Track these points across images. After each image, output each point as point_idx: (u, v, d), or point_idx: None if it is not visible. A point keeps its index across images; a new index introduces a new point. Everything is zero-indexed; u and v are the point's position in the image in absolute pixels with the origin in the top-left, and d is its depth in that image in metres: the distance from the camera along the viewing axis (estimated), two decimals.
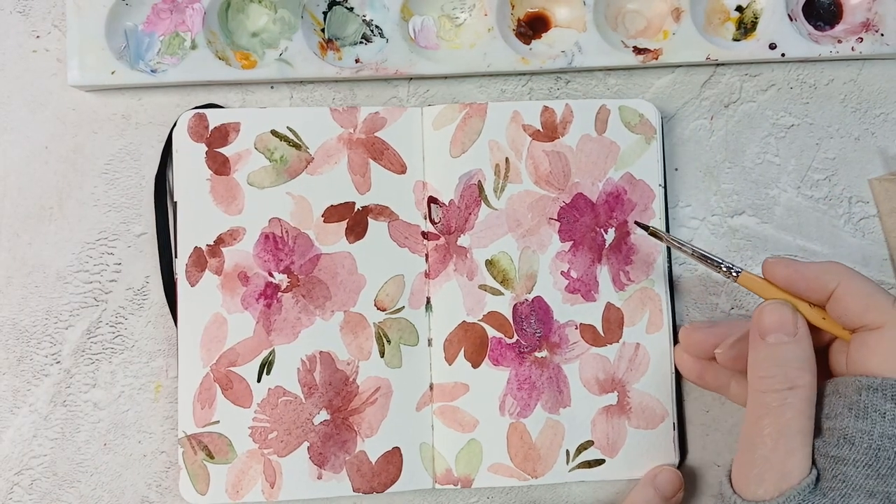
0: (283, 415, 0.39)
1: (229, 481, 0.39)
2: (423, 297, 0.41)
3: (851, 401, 0.29)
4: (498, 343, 0.40)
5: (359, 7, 0.43)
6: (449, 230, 0.41)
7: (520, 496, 0.41)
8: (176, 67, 0.41)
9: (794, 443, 0.30)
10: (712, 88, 0.43)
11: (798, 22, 0.43)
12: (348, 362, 0.40)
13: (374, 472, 0.39)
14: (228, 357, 0.40)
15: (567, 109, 0.42)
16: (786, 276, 0.33)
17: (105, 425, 0.41)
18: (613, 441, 0.40)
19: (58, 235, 0.42)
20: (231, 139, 0.41)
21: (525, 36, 0.43)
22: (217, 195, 0.40)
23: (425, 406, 0.40)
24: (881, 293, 0.31)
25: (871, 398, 0.28)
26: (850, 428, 0.29)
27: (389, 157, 0.41)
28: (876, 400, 0.28)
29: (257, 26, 0.43)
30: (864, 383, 0.29)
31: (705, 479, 0.42)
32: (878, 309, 0.30)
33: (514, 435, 0.40)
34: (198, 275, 0.40)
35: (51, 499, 0.41)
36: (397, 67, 0.42)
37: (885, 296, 0.31)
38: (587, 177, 0.41)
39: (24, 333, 0.41)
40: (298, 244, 0.40)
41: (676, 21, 0.43)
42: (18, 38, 0.43)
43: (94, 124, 0.42)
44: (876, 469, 0.28)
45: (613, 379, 0.40)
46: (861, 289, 0.31)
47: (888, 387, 0.28)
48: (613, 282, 0.41)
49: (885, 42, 0.42)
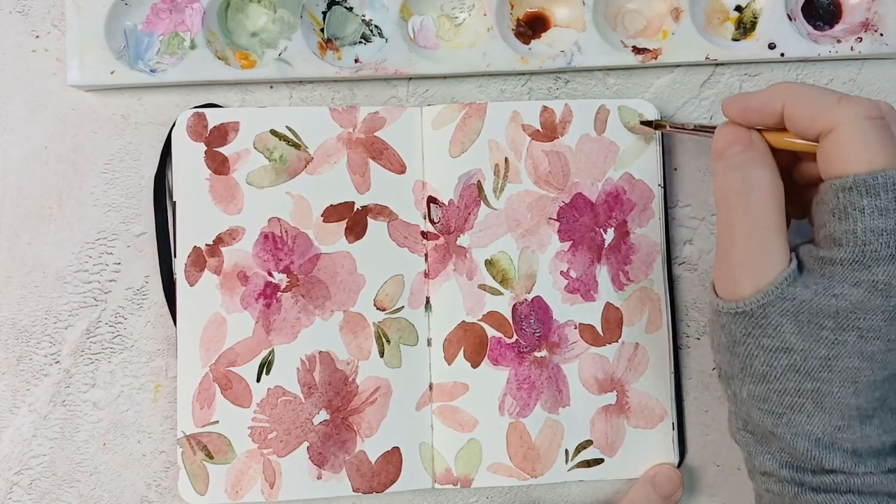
0: (283, 415, 0.39)
1: (229, 481, 0.39)
2: (422, 297, 0.41)
3: (832, 205, 0.29)
4: (497, 343, 0.40)
5: (358, 7, 0.43)
6: (448, 230, 0.41)
7: (519, 496, 0.41)
8: (175, 67, 0.41)
9: (765, 240, 0.31)
10: (712, 88, 0.43)
11: (797, 22, 0.43)
12: (348, 362, 0.40)
13: (373, 472, 0.39)
14: (228, 357, 0.40)
15: (566, 109, 0.42)
16: (739, 110, 0.33)
17: (104, 425, 0.41)
18: (612, 440, 0.40)
19: (57, 235, 0.42)
20: (230, 139, 0.41)
21: (524, 36, 0.43)
22: (216, 195, 0.40)
23: (425, 406, 0.40)
24: (825, 95, 0.30)
25: (847, 197, 0.29)
26: (836, 231, 0.29)
27: (389, 157, 0.41)
28: (852, 198, 0.28)
29: (257, 26, 0.43)
30: (838, 185, 0.29)
31: (705, 478, 0.42)
32: (824, 113, 0.30)
33: (513, 434, 0.40)
34: (197, 274, 0.40)
35: (50, 498, 0.41)
36: (397, 67, 0.42)
37: (829, 97, 0.30)
38: (587, 177, 0.41)
39: (23, 333, 0.41)
40: (298, 244, 0.40)
41: (676, 21, 0.43)
42: (18, 38, 0.43)
43: (94, 124, 0.42)
44: (862, 262, 0.28)
45: (612, 378, 0.41)
46: (804, 100, 0.31)
47: (860, 182, 0.28)
48: (613, 282, 0.41)
49: (884, 42, 0.42)
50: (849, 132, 0.29)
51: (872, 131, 0.29)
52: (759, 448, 0.32)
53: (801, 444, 0.30)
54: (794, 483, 0.31)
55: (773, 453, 0.32)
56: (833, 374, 0.30)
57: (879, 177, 0.28)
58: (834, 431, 0.30)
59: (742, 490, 0.42)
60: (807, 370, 0.30)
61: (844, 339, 0.29)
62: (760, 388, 0.31)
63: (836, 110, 0.29)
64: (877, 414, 0.30)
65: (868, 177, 0.28)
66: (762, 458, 0.32)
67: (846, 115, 0.29)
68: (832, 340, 0.29)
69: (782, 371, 0.31)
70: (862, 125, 0.29)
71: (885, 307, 0.29)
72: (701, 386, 0.42)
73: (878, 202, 0.28)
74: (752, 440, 0.33)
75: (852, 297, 0.29)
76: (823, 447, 0.30)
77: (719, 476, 0.42)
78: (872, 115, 0.29)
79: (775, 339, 0.30)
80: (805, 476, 0.31)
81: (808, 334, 0.30)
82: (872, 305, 0.29)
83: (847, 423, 0.30)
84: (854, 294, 0.29)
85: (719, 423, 0.42)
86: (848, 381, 0.29)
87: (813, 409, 0.30)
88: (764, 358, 0.31)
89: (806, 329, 0.30)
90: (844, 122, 0.29)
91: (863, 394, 0.30)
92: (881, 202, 0.28)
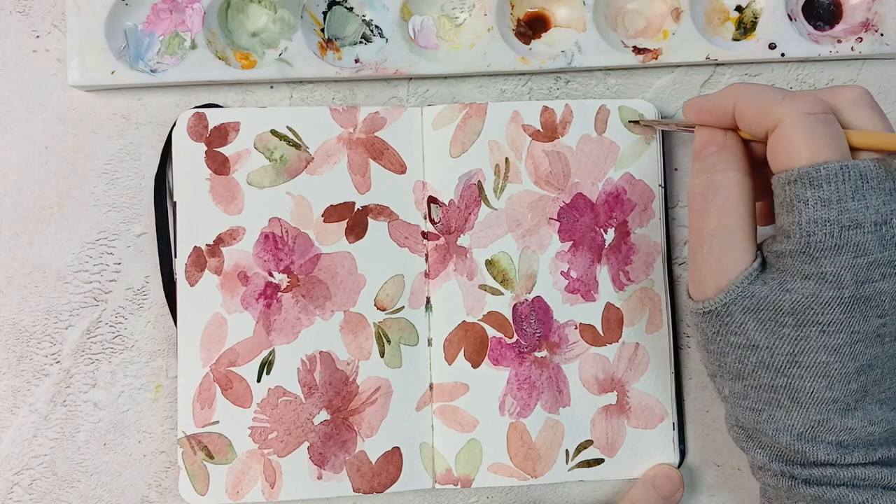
0: (283, 415, 0.39)
1: (229, 481, 0.39)
2: (422, 297, 0.41)
3: (781, 198, 0.30)
4: (498, 343, 0.40)
5: (358, 7, 0.43)
6: (449, 230, 0.41)
7: (519, 496, 0.41)
8: (176, 67, 0.41)
9: (729, 241, 0.31)
10: (712, 88, 0.43)
11: (798, 22, 0.43)
12: (348, 362, 0.40)
13: (374, 472, 0.39)
14: (228, 357, 0.40)
15: (567, 109, 0.42)
16: (695, 111, 0.34)
17: (105, 425, 0.41)
18: (613, 441, 0.40)
19: (58, 235, 0.42)
20: (231, 139, 0.41)
21: (525, 36, 0.43)
22: (216, 195, 0.40)
23: (425, 406, 0.40)
24: (771, 93, 0.31)
25: (792, 190, 0.29)
26: (785, 223, 0.30)
27: (389, 157, 0.41)
28: (797, 190, 0.29)
29: (257, 26, 0.43)
30: (784, 178, 0.29)
31: (705, 479, 0.42)
32: (770, 110, 0.30)
33: (513, 435, 0.40)
34: (197, 274, 0.40)
35: (51, 498, 0.41)
36: (397, 67, 0.42)
37: (775, 95, 0.31)
38: (587, 177, 0.41)
39: (24, 333, 0.41)
40: (298, 244, 0.40)
41: (676, 21, 0.43)
42: (18, 38, 0.43)
43: (94, 124, 0.42)
44: (809, 254, 0.29)
45: (613, 379, 0.41)
46: (752, 99, 0.32)
47: (804, 175, 0.29)
48: (613, 282, 0.41)
49: (884, 42, 0.42)
50: (792, 127, 0.29)
51: (815, 125, 0.29)
52: (750, 443, 0.33)
53: (783, 439, 0.31)
54: (787, 476, 0.31)
55: (763, 448, 0.32)
56: (802, 369, 0.30)
57: (822, 168, 0.28)
58: (814, 425, 0.30)
59: (742, 490, 0.42)
60: (775, 366, 0.30)
61: (806, 334, 0.29)
62: (738, 385, 0.32)
63: (780, 107, 0.30)
64: (859, 406, 0.30)
65: (811, 169, 0.29)
66: (754, 452, 0.33)
67: (789, 111, 0.30)
68: (794, 336, 0.30)
69: (753, 368, 0.31)
70: (805, 120, 0.29)
71: (840, 299, 0.29)
72: (701, 386, 0.42)
73: (821, 193, 0.28)
74: (743, 435, 0.33)
75: (805, 291, 0.29)
76: (806, 441, 0.30)
77: (719, 476, 0.42)
78: (815, 110, 0.30)
79: (741, 337, 0.31)
80: (795, 469, 0.31)
81: (770, 331, 0.30)
82: (827, 298, 0.29)
83: (826, 416, 0.30)
84: (806, 287, 0.29)
85: (719, 423, 0.42)
86: (818, 375, 0.30)
87: (790, 405, 0.30)
88: (734, 355, 0.31)
89: (768, 326, 0.30)
90: (788, 117, 0.30)
91: (836, 387, 0.30)
92: (824, 193, 0.28)
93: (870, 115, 0.30)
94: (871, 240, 0.28)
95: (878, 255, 0.28)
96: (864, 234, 0.28)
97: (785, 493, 0.31)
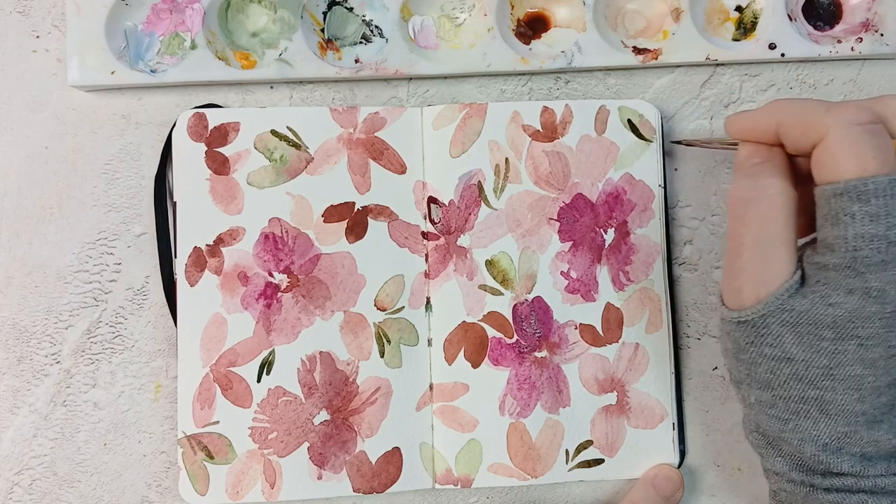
0: (283, 415, 0.39)
1: (229, 482, 0.39)
2: (422, 297, 0.41)
3: (825, 210, 0.29)
4: (498, 343, 0.40)
5: (358, 7, 0.43)
6: (449, 230, 0.41)
7: (519, 496, 0.41)
8: (176, 67, 0.41)
9: (770, 250, 0.31)
10: (712, 88, 0.43)
11: (798, 22, 0.43)
12: (348, 362, 0.40)
13: (374, 473, 0.39)
14: (228, 357, 0.40)
15: (567, 110, 0.42)
16: (738, 130, 0.34)
17: (105, 425, 0.41)
18: (613, 441, 0.40)
19: (58, 235, 0.42)
20: (231, 139, 0.41)
21: (525, 36, 0.43)
22: (216, 195, 0.40)
23: (425, 406, 0.40)
24: (814, 106, 0.31)
25: (838, 203, 0.29)
26: (829, 236, 0.29)
27: (389, 157, 0.41)
28: (843, 203, 0.28)
29: (257, 26, 0.43)
30: (830, 191, 0.29)
31: (705, 479, 0.42)
32: (814, 124, 0.30)
33: (513, 435, 0.40)
34: (197, 275, 0.40)
35: (51, 499, 0.41)
36: (397, 67, 0.42)
37: (818, 108, 0.30)
38: (587, 177, 0.41)
39: (24, 333, 0.41)
40: (298, 244, 0.40)
41: (676, 21, 0.43)
42: (18, 38, 0.43)
43: (94, 124, 0.42)
44: (854, 269, 0.28)
45: (613, 379, 0.41)
46: (795, 114, 0.31)
47: (851, 188, 0.28)
48: (613, 282, 0.41)
49: (884, 42, 0.42)
50: (838, 139, 0.29)
51: (862, 137, 0.29)
52: (770, 450, 0.32)
53: (808, 449, 0.30)
54: (806, 485, 0.31)
55: (784, 456, 0.32)
56: (836, 382, 0.30)
57: (870, 183, 0.28)
58: (841, 437, 0.30)
59: (742, 490, 0.42)
60: (809, 379, 0.30)
61: (844, 348, 0.29)
62: (766, 394, 0.31)
63: (825, 119, 0.30)
64: (886, 419, 0.30)
65: (858, 182, 0.28)
66: (773, 459, 0.32)
67: (835, 123, 0.29)
68: (832, 350, 0.29)
69: (785, 379, 0.31)
70: (851, 131, 0.29)
71: (881, 314, 0.29)
72: (701, 386, 0.42)
73: (868, 208, 0.28)
74: (763, 442, 0.33)
75: (848, 306, 0.29)
76: (831, 452, 0.30)
77: (719, 476, 0.42)
78: (862, 120, 0.29)
79: (776, 349, 0.31)
80: (815, 478, 0.31)
81: (808, 345, 0.30)
82: (869, 313, 0.29)
83: (853, 428, 0.30)
84: (849, 302, 0.29)
85: (719, 424, 0.42)
86: (851, 388, 0.29)
87: (818, 416, 0.30)
88: (767, 366, 0.31)
89: (806, 340, 0.30)
90: (833, 129, 0.29)
91: (867, 400, 0.29)
92: (872, 208, 0.28)
93: None
94: None
95: None
96: None
97: (801, 500, 0.31)
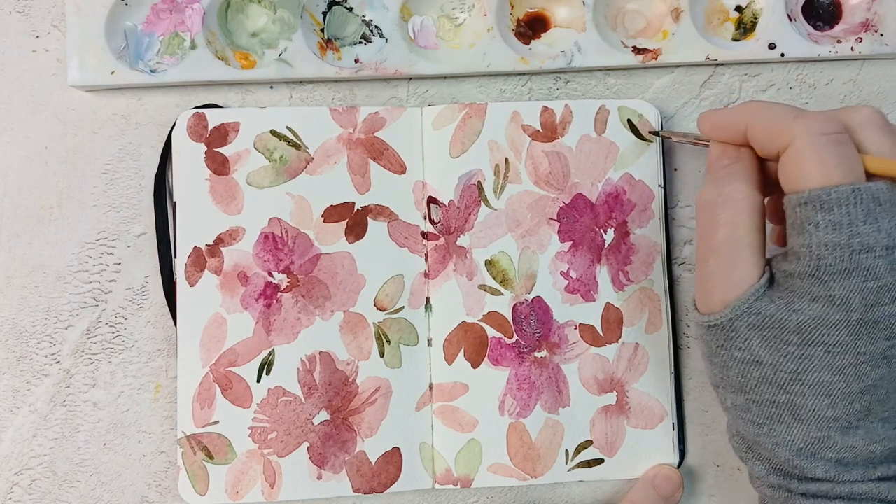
0: (283, 415, 0.39)
1: (229, 482, 0.39)
2: (422, 298, 0.41)
3: (792, 219, 0.29)
4: (497, 343, 0.40)
5: (358, 7, 0.43)
6: (448, 230, 0.41)
7: (519, 496, 0.41)
8: (175, 67, 0.41)
9: (736, 255, 0.31)
10: (712, 88, 0.44)
11: (797, 22, 0.43)
12: (348, 362, 0.40)
13: (373, 473, 0.39)
14: (228, 357, 0.40)
15: (566, 110, 0.42)
16: (710, 127, 0.34)
17: (105, 425, 0.41)
18: (612, 441, 0.40)
19: (58, 235, 0.42)
20: (230, 139, 0.41)
21: (524, 36, 0.43)
22: (216, 195, 0.40)
23: (425, 406, 0.40)
24: (783, 112, 0.31)
25: (803, 212, 0.29)
26: (795, 244, 0.29)
27: (389, 157, 0.41)
28: (807, 212, 0.29)
29: (257, 26, 0.43)
30: (795, 200, 0.29)
31: (705, 479, 0.42)
32: (781, 130, 0.30)
33: (513, 435, 0.40)
34: (197, 275, 0.40)
35: (51, 499, 0.41)
36: (397, 67, 0.42)
37: (787, 114, 0.30)
38: (587, 177, 0.41)
39: (23, 333, 0.41)
40: (298, 244, 0.40)
41: (676, 21, 0.43)
42: (18, 38, 0.43)
43: (94, 124, 0.42)
44: (818, 277, 0.28)
45: (612, 379, 0.41)
46: (764, 118, 0.31)
47: (814, 198, 0.28)
48: (613, 282, 0.41)
49: (884, 42, 0.42)
50: (803, 148, 0.29)
51: (827, 146, 0.29)
52: (749, 454, 0.33)
53: (782, 454, 0.30)
54: (783, 489, 0.31)
55: (762, 460, 0.32)
56: (805, 387, 0.30)
57: (833, 192, 0.28)
58: (814, 442, 0.30)
59: (742, 490, 0.42)
60: (778, 383, 0.30)
61: (811, 353, 0.29)
62: (740, 398, 0.32)
63: (792, 126, 0.30)
64: (861, 424, 0.30)
65: (822, 192, 0.28)
66: (753, 464, 0.32)
67: (801, 131, 0.29)
68: (798, 355, 0.29)
69: (756, 383, 0.31)
70: (816, 140, 0.29)
71: (847, 321, 0.28)
72: (701, 386, 0.42)
73: (831, 217, 0.28)
74: (743, 446, 0.33)
75: (812, 313, 0.29)
76: (805, 457, 0.30)
77: (719, 476, 0.42)
78: (827, 130, 0.29)
79: (745, 352, 0.31)
80: (791, 483, 0.31)
81: (775, 349, 0.30)
82: (834, 321, 0.29)
83: (827, 434, 0.30)
84: (813, 309, 0.29)
85: (719, 424, 0.42)
86: (821, 394, 0.29)
87: (791, 421, 0.30)
88: (738, 369, 0.31)
89: (773, 344, 0.30)
90: (800, 137, 0.29)
91: (839, 406, 0.29)
92: (835, 217, 0.28)
93: (879, 135, 0.30)
94: (882, 264, 0.28)
95: (889, 279, 0.28)
96: (874, 259, 0.28)
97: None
